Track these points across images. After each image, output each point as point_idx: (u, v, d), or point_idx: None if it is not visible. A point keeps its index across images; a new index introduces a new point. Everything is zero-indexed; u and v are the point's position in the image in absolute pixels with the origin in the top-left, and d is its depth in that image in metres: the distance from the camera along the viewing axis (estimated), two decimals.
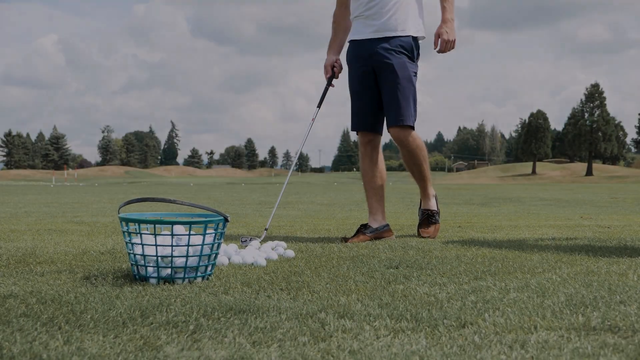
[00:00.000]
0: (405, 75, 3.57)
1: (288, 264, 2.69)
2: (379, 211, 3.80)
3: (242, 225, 4.85)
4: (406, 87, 3.57)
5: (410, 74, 3.59)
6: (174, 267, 2.26)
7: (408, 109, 3.60)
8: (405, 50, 3.57)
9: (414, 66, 3.64)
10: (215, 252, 2.37)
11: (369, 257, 2.92)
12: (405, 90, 3.57)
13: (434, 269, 2.56)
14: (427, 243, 3.46)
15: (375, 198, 3.81)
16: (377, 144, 3.81)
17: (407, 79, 3.57)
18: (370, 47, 3.61)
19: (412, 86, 3.60)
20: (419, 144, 3.73)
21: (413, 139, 3.67)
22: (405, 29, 3.57)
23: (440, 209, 4.08)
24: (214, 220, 2.29)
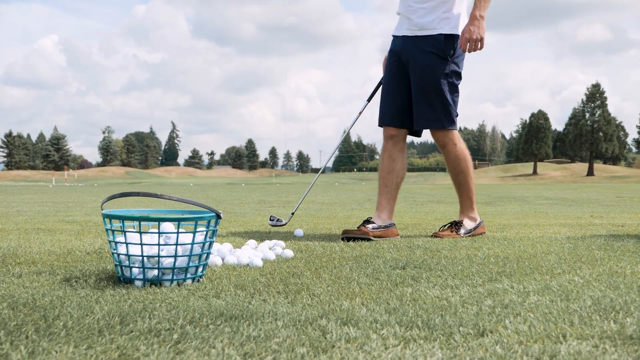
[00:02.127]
0: (431, 76, 3.43)
1: (286, 265, 2.50)
2: (386, 210, 3.61)
3: (239, 225, 4.66)
4: (431, 88, 3.44)
5: (439, 75, 3.43)
6: (161, 268, 2.07)
7: (433, 111, 3.47)
8: (436, 49, 3.42)
9: (448, 65, 3.44)
10: (207, 251, 2.18)
11: (373, 257, 2.73)
12: (430, 92, 3.45)
13: (444, 269, 2.37)
14: (434, 243, 3.27)
15: (385, 196, 3.64)
16: (398, 140, 3.66)
17: (433, 80, 3.43)
18: (403, 44, 3.54)
19: (440, 88, 3.44)
20: (459, 153, 3.57)
21: (453, 144, 3.56)
22: (437, 27, 3.42)
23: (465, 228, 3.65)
24: (204, 217, 2.10)
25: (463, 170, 3.64)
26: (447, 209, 6.91)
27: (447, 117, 3.50)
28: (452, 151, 3.60)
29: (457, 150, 3.59)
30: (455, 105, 3.53)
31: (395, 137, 3.65)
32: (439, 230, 3.70)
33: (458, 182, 3.68)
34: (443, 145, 3.59)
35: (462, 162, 3.62)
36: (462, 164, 3.62)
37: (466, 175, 3.65)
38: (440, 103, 3.46)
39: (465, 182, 3.66)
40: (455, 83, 3.50)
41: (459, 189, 3.71)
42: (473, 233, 3.63)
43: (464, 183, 3.67)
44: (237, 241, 3.38)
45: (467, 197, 3.70)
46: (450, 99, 3.48)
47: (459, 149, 3.60)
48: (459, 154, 3.61)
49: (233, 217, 5.54)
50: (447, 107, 3.48)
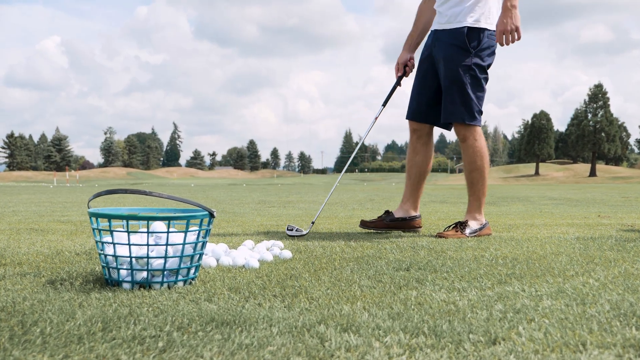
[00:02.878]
0: (452, 68, 3.39)
1: (284, 267, 2.38)
2: (409, 202, 3.74)
3: (238, 225, 4.54)
4: (452, 81, 3.40)
5: (459, 68, 3.37)
6: (150, 269, 1.95)
7: (453, 104, 3.42)
8: (458, 41, 3.37)
9: (470, 58, 3.37)
10: (200, 252, 2.06)
11: (375, 258, 2.61)
12: (451, 85, 3.41)
13: (450, 271, 2.24)
14: (439, 243, 3.15)
15: (409, 187, 3.75)
16: (421, 134, 3.71)
17: (454, 73, 3.38)
18: (433, 38, 3.55)
19: (460, 80, 3.38)
20: (478, 149, 3.47)
21: (474, 139, 3.46)
22: (461, 20, 3.39)
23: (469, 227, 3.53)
24: (197, 216, 1.98)
25: (479, 168, 3.51)
26: (450, 209, 6.78)
27: (468, 111, 3.41)
28: (472, 146, 3.48)
29: (476, 146, 3.48)
30: (479, 100, 3.43)
31: (418, 131, 3.70)
32: (443, 231, 3.63)
33: (471, 180, 3.55)
34: (463, 139, 3.50)
35: (479, 159, 3.50)
36: (479, 161, 3.50)
37: (480, 174, 3.52)
38: (460, 96, 3.40)
39: (478, 181, 3.53)
40: (479, 77, 3.40)
41: (470, 188, 3.58)
42: (479, 234, 3.50)
43: (476, 182, 3.54)
44: (234, 241, 3.27)
45: (476, 198, 3.56)
46: (472, 92, 3.39)
47: (478, 145, 3.49)
48: (477, 150, 3.49)
49: (231, 217, 5.42)
50: (467, 101, 3.40)
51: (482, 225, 3.56)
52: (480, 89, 3.42)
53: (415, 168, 3.75)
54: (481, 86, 3.43)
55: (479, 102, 3.43)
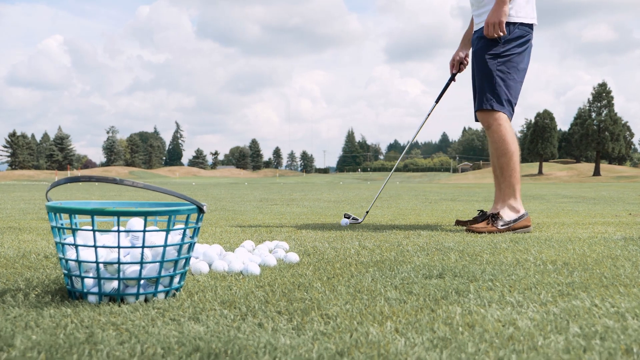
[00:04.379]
0: (480, 58, 3.38)
1: (290, 273, 1.97)
2: (499, 199, 3.52)
3: (237, 223, 4.13)
4: (481, 70, 3.37)
5: (486, 56, 3.34)
6: (122, 278, 1.55)
7: (482, 92, 3.36)
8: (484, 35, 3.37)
9: (497, 47, 3.33)
10: (186, 256, 1.65)
11: (398, 262, 2.20)
12: (480, 74, 3.38)
13: (494, 279, 1.83)
14: (469, 244, 2.74)
15: (498, 186, 3.53)
16: None
17: (481, 61, 3.37)
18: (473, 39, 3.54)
19: (486, 67, 3.34)
20: (504, 133, 3.32)
21: (498, 124, 3.32)
22: None
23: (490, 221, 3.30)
24: (181, 211, 1.58)
25: (506, 153, 3.31)
26: (465, 207, 6.37)
27: (496, 98, 3.34)
28: (496, 131, 3.33)
29: (501, 130, 3.32)
30: (509, 90, 3.35)
31: None
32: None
33: (500, 166, 3.34)
34: (488, 125, 3.38)
35: (505, 143, 3.30)
36: (505, 145, 3.30)
37: (509, 159, 3.31)
38: (488, 83, 3.33)
39: (507, 166, 3.31)
40: (508, 65, 3.35)
41: (501, 175, 3.36)
42: (514, 226, 3.21)
43: (506, 167, 3.32)
44: (232, 242, 2.86)
45: (509, 184, 3.31)
46: (500, 80, 3.33)
47: (503, 130, 3.32)
48: (503, 135, 3.32)
49: (230, 215, 5.01)
50: (494, 87, 3.33)
51: (520, 216, 3.25)
52: (510, 78, 3.34)
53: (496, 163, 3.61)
54: (510, 74, 3.34)
55: (509, 91, 3.34)
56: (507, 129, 3.32)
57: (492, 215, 3.24)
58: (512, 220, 3.24)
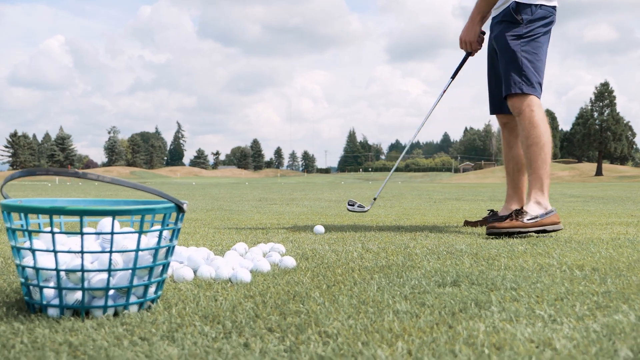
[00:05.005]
0: (503, 41, 3.13)
1: (285, 280, 1.75)
2: (514, 199, 3.46)
3: (232, 224, 3.91)
4: (505, 54, 3.12)
5: (509, 38, 3.10)
6: (87, 288, 1.32)
7: (508, 76, 3.10)
8: (507, 17, 3.14)
9: (520, 28, 3.09)
10: (164, 261, 1.43)
11: (406, 267, 1.97)
12: (504, 58, 3.13)
13: (517, 288, 1.61)
14: (483, 246, 2.51)
15: (510, 184, 3.47)
16: (513, 126, 3.42)
17: (505, 44, 3.13)
18: (491, 27, 3.33)
19: (511, 50, 3.09)
20: (536, 120, 3.04)
21: (530, 110, 3.05)
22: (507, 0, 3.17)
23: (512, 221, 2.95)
24: (157, 210, 1.35)
25: (537, 142, 3.01)
26: (471, 207, 6.14)
27: (525, 81, 3.05)
28: (528, 117, 3.04)
29: (534, 117, 3.03)
30: (537, 71, 3.08)
31: (508, 123, 3.44)
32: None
33: (529, 156, 3.05)
34: (519, 111, 3.10)
35: (536, 130, 3.01)
36: (536, 132, 3.01)
37: (540, 149, 3.01)
38: (514, 66, 3.07)
39: (537, 156, 3.01)
40: (533, 45, 3.09)
41: (529, 166, 3.06)
42: (542, 221, 2.92)
43: (535, 158, 3.02)
44: (224, 244, 2.64)
45: (537, 177, 3.01)
46: (526, 61, 3.06)
47: (536, 116, 3.04)
48: (535, 121, 3.03)
49: (226, 215, 4.79)
50: (521, 70, 3.05)
51: (547, 212, 2.96)
52: (536, 58, 3.10)
53: (512, 162, 3.46)
54: (537, 55, 3.10)
55: (537, 72, 3.09)
56: (540, 115, 3.03)
57: (517, 211, 2.95)
58: (539, 215, 2.93)
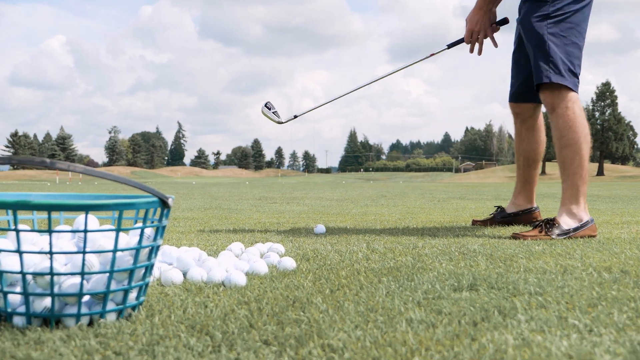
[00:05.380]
0: (528, 25, 2.78)
1: (284, 284, 1.58)
2: (521, 195, 3.29)
3: (229, 223, 3.74)
4: (532, 39, 2.78)
5: (534, 20, 2.75)
6: (57, 294, 1.16)
7: (537, 65, 2.74)
8: None
9: (547, 6, 2.72)
10: (147, 263, 1.27)
11: (417, 269, 1.81)
12: (531, 44, 2.79)
13: (543, 292, 1.44)
14: (497, 247, 2.35)
15: (520, 179, 3.28)
16: (526, 118, 3.16)
17: (530, 29, 2.78)
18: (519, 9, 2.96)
19: (537, 33, 2.74)
20: (571, 119, 2.68)
21: (565, 107, 2.69)
22: None
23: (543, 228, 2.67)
24: (137, 204, 1.19)
25: (572, 143, 2.68)
26: (477, 205, 5.97)
27: (553, 67, 2.68)
28: (562, 115, 2.69)
29: (568, 114, 2.68)
30: (569, 57, 2.70)
31: (521, 114, 3.17)
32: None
33: (563, 159, 2.72)
34: (552, 107, 2.73)
35: (572, 131, 2.68)
36: (572, 134, 2.68)
37: (576, 152, 2.68)
38: (541, 52, 2.72)
39: (572, 160, 2.69)
40: (562, 27, 2.72)
41: (562, 171, 2.74)
42: (575, 235, 2.64)
43: (570, 162, 2.69)
44: (219, 244, 2.47)
45: (571, 184, 2.70)
46: (555, 45, 2.70)
47: (571, 114, 2.68)
48: (570, 120, 2.68)
49: (225, 214, 4.62)
50: (547, 55, 2.69)
51: (582, 224, 2.67)
52: (566, 42, 2.71)
53: (522, 156, 3.23)
54: (567, 38, 2.71)
55: (569, 58, 2.70)
56: (576, 113, 2.68)
57: (548, 221, 2.66)
58: (571, 228, 2.64)
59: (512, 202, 3.34)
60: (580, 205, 2.69)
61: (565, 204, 2.71)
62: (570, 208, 2.69)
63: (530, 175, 3.26)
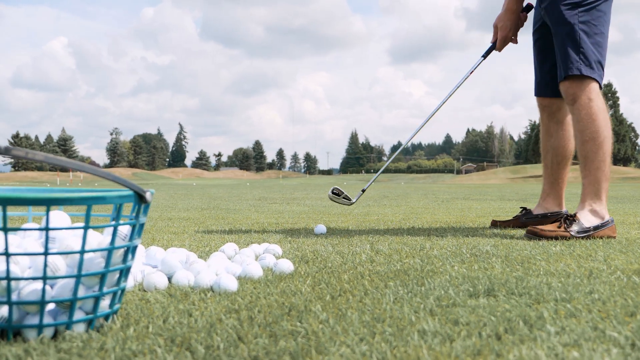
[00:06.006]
0: (557, 14, 2.63)
1: (280, 289, 1.42)
2: (550, 196, 3.06)
3: (226, 223, 3.58)
4: (560, 28, 2.63)
5: (561, 9, 2.60)
6: (15, 302, 1.00)
7: (565, 56, 2.60)
8: None
9: None
10: (122, 266, 1.11)
11: (426, 273, 1.65)
12: (559, 33, 2.65)
13: (570, 298, 1.28)
14: (511, 248, 2.19)
15: (548, 179, 3.08)
16: (554, 111, 2.99)
17: (559, 18, 2.63)
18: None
19: (566, 22, 2.60)
20: (595, 111, 2.55)
21: (588, 99, 2.57)
22: None
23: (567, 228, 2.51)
24: (108, 199, 1.03)
25: (594, 137, 2.54)
26: (483, 205, 5.81)
27: (583, 59, 2.56)
28: (586, 106, 2.56)
29: (591, 107, 2.55)
30: (597, 47, 2.59)
31: (548, 107, 2.99)
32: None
33: (585, 154, 2.58)
34: (574, 99, 2.59)
35: (595, 124, 2.54)
36: (595, 127, 2.54)
37: (598, 146, 2.54)
38: (570, 41, 2.59)
39: (595, 155, 2.55)
40: (591, 15, 2.59)
41: (584, 166, 2.59)
42: (595, 235, 2.50)
43: (592, 157, 2.55)
44: (212, 245, 2.31)
45: (593, 180, 2.56)
46: (585, 35, 2.58)
47: (594, 107, 2.55)
48: (593, 113, 2.54)
49: (222, 214, 4.46)
50: (578, 45, 2.57)
51: (603, 223, 2.53)
52: (596, 31, 2.59)
53: (551, 154, 3.02)
54: (597, 27, 2.59)
55: (597, 49, 2.59)
56: (599, 105, 2.56)
57: (567, 217, 2.53)
58: (592, 227, 2.50)
59: (540, 204, 3.12)
60: (602, 203, 2.55)
61: (585, 200, 2.56)
62: (591, 205, 2.54)
63: (560, 175, 3.04)
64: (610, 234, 2.54)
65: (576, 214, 2.52)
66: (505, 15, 2.91)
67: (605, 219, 2.53)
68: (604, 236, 2.51)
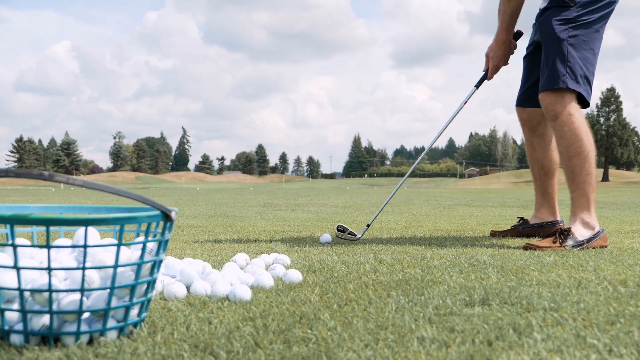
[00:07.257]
0: (548, 28, 2.70)
1: (290, 298, 1.54)
2: (543, 207, 3.19)
3: (234, 232, 3.70)
4: (549, 42, 2.71)
5: (556, 23, 2.67)
6: (56, 311, 1.12)
7: (552, 68, 2.67)
8: (554, 2, 2.71)
9: (569, 11, 2.66)
10: (149, 279, 1.22)
11: (426, 282, 1.76)
12: (548, 46, 2.72)
13: (557, 308, 1.39)
14: (507, 258, 2.30)
15: (539, 190, 3.20)
16: (535, 125, 3.09)
17: (550, 32, 2.70)
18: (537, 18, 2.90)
19: (555, 36, 2.67)
20: (576, 129, 2.64)
21: (568, 114, 2.64)
22: None
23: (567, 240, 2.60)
24: (139, 218, 1.15)
25: (579, 152, 2.64)
26: (483, 213, 5.92)
27: (569, 73, 2.63)
28: (567, 123, 2.64)
29: (573, 122, 2.63)
30: (586, 63, 2.66)
31: (528, 121, 3.10)
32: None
33: (571, 169, 2.67)
34: (555, 115, 2.66)
35: (578, 140, 2.63)
36: (578, 142, 2.63)
37: (583, 161, 2.64)
38: (558, 55, 2.65)
39: (581, 169, 2.65)
40: (581, 32, 2.66)
41: (571, 180, 2.69)
42: (589, 246, 2.61)
43: (579, 171, 2.65)
44: (224, 254, 2.43)
45: (582, 193, 2.66)
46: (574, 50, 2.65)
47: (576, 121, 2.64)
48: (575, 128, 2.63)
49: (229, 222, 4.58)
50: (565, 59, 2.64)
51: (595, 234, 2.64)
52: (585, 48, 2.66)
53: (537, 166, 3.12)
54: (587, 43, 2.67)
55: (585, 64, 2.66)
56: (580, 120, 2.65)
57: (562, 231, 2.62)
58: (585, 239, 2.60)
59: (536, 215, 3.23)
60: (592, 214, 2.67)
61: (577, 213, 2.67)
62: (582, 217, 2.65)
63: (549, 185, 3.15)
64: (602, 243, 2.65)
65: (570, 228, 2.62)
66: (496, 46, 3.00)
67: (596, 230, 2.65)
68: (597, 246, 2.62)
